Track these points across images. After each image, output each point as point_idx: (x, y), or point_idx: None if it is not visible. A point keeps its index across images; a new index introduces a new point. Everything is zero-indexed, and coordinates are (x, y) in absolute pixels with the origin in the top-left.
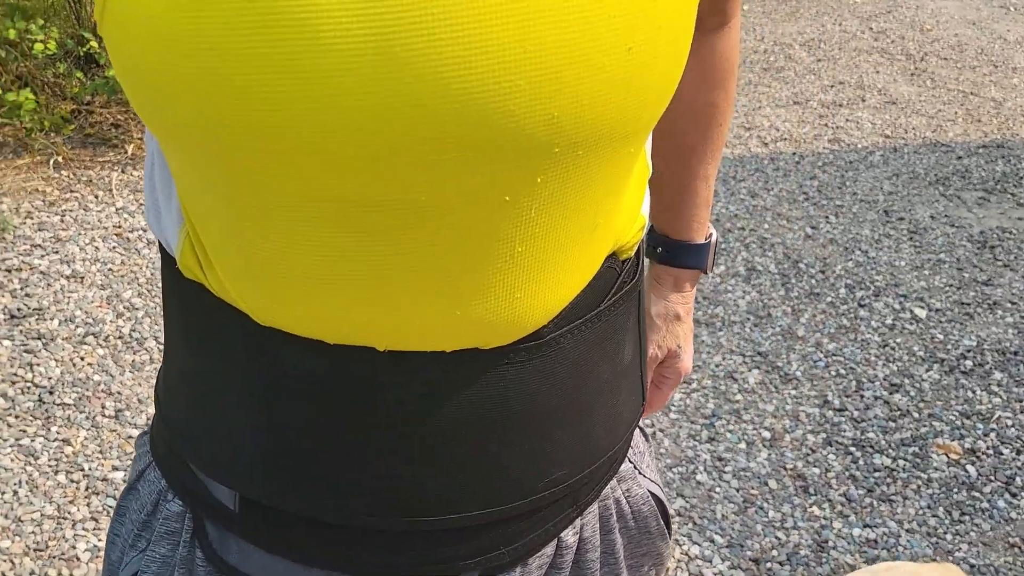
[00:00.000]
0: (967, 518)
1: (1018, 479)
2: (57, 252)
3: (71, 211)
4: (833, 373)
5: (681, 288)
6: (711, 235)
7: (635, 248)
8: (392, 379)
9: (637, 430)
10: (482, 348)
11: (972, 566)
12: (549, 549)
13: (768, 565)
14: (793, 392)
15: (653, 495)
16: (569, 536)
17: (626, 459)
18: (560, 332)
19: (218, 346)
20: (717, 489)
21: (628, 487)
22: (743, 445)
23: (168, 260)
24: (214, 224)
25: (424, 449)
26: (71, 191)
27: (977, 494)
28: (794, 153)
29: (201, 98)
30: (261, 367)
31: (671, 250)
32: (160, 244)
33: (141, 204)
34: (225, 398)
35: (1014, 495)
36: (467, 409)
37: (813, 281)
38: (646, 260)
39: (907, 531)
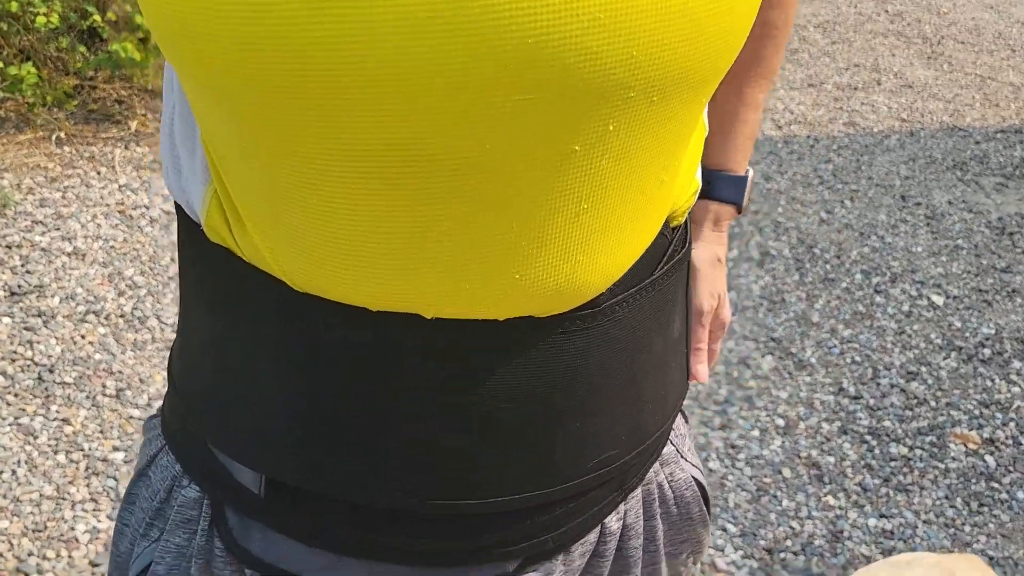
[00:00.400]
0: (986, 509)
1: None
2: (59, 229)
3: (73, 187)
4: (848, 360)
5: (720, 227)
6: (749, 170)
7: (686, 214)
8: (439, 349)
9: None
10: (536, 316)
11: (991, 558)
12: (592, 536)
13: (782, 555)
14: (807, 379)
15: (695, 480)
16: (613, 522)
17: (668, 441)
18: (615, 300)
19: (249, 313)
20: (730, 477)
21: (671, 471)
22: (756, 432)
23: (187, 224)
24: (250, 184)
25: (471, 426)
26: (73, 167)
27: (996, 485)
28: (808, 136)
29: (244, 36)
30: (297, 334)
31: (711, 180)
32: (178, 207)
33: (144, 181)
34: (256, 367)
35: None
36: (518, 383)
37: (828, 266)
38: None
39: (924, 522)
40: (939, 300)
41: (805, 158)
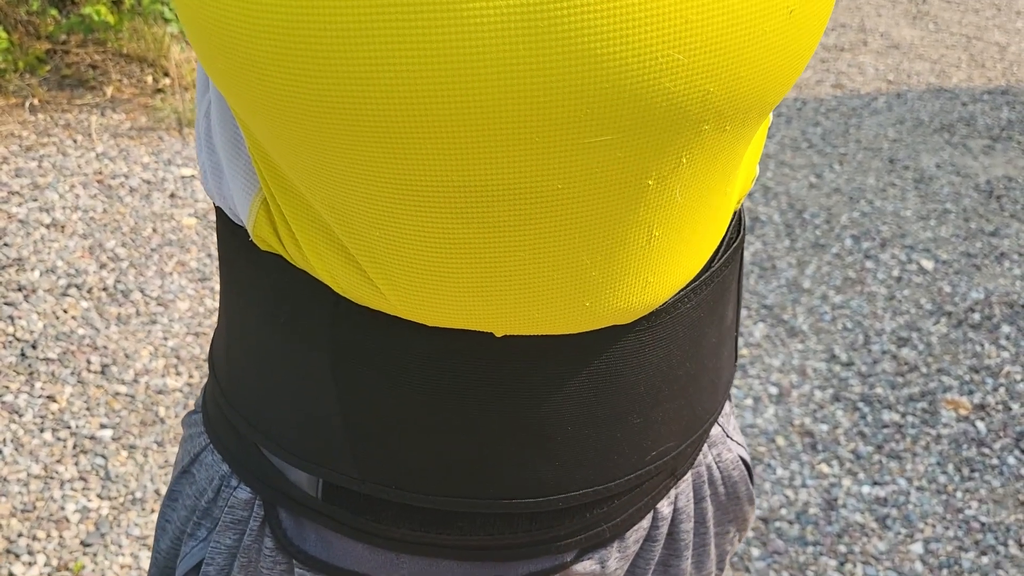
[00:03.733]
0: (977, 475)
1: None
2: (36, 200)
3: (49, 156)
4: (840, 327)
5: None
6: None
7: (741, 201)
8: (505, 357)
9: None
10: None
11: (983, 524)
12: (645, 522)
13: (777, 524)
14: (800, 346)
15: (741, 459)
16: (665, 507)
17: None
18: (679, 296)
19: (301, 319)
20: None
21: (719, 452)
22: (749, 401)
23: (230, 226)
24: (307, 208)
25: (533, 432)
26: (48, 135)
27: (987, 450)
28: (796, 99)
29: (314, 70)
30: (353, 344)
31: None
32: (217, 208)
33: (122, 149)
34: (308, 375)
35: None
36: (582, 385)
37: (818, 232)
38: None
39: (917, 489)
40: (929, 265)
41: (793, 121)
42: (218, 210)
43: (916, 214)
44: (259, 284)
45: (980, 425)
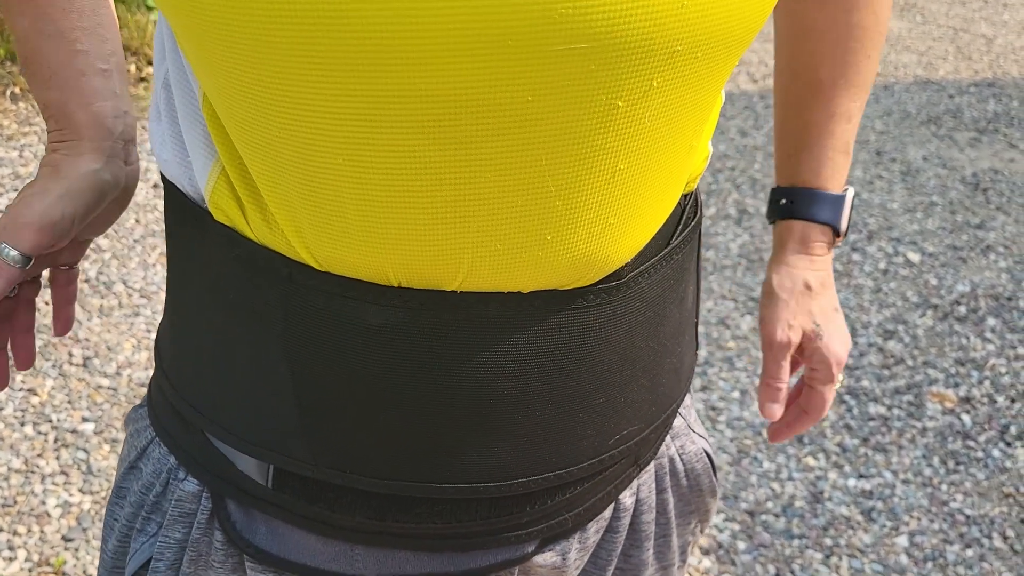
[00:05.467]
0: (962, 468)
1: (1012, 428)
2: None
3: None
4: None
5: (810, 249)
6: (847, 189)
7: (697, 181)
8: (460, 329)
9: None
10: (560, 290)
11: (967, 516)
12: (607, 512)
13: (763, 518)
14: None
15: (704, 451)
16: (627, 497)
17: (677, 414)
18: (637, 271)
19: (251, 298)
20: (711, 439)
21: (682, 443)
22: (736, 394)
23: (182, 203)
24: (270, 146)
25: (493, 407)
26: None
27: (972, 443)
28: None
29: None
30: (306, 321)
31: (797, 198)
32: (167, 185)
33: None
34: (262, 354)
35: (1008, 444)
36: (542, 359)
37: None
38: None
39: (902, 481)
40: (915, 257)
41: None
42: (167, 188)
43: (903, 207)
44: (208, 262)
45: (965, 418)
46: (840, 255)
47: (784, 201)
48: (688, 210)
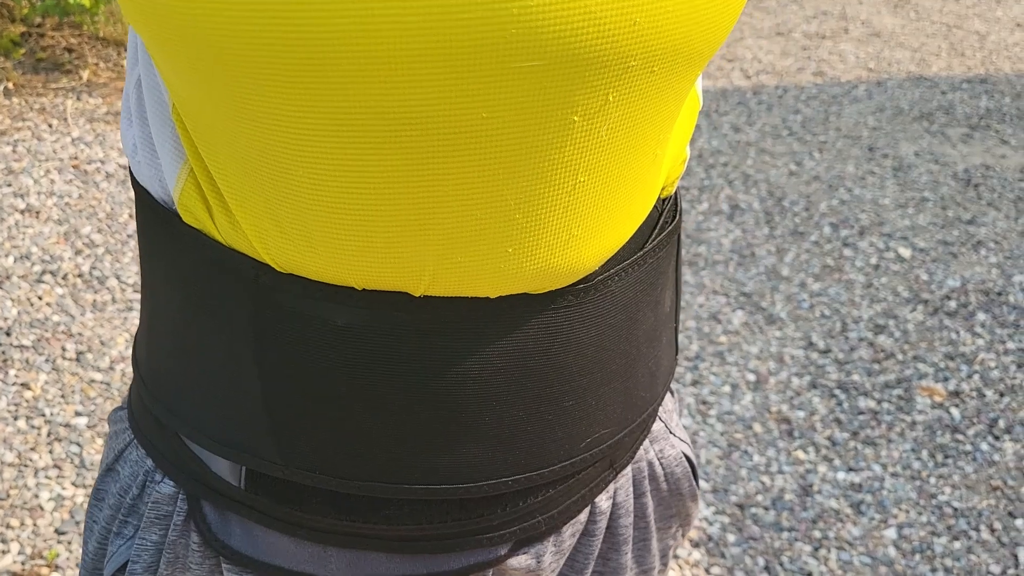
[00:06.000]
0: (951, 461)
1: (1001, 422)
2: (10, 185)
3: (23, 141)
4: (818, 314)
5: None
6: None
7: (675, 185)
8: (426, 330)
9: None
10: (530, 293)
11: (955, 509)
12: (583, 515)
13: (753, 511)
14: (778, 334)
15: (685, 455)
16: (603, 501)
17: (657, 418)
18: (608, 274)
19: (220, 300)
20: (701, 433)
21: (661, 447)
22: (727, 388)
23: (153, 205)
24: (232, 158)
25: (460, 409)
26: (23, 119)
27: (961, 437)
28: (777, 86)
29: (234, 2)
30: (273, 322)
31: None
32: (137, 188)
33: (98, 134)
34: (232, 356)
35: (997, 438)
36: (510, 362)
37: (797, 219)
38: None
39: (891, 475)
40: (906, 253)
41: (774, 108)
42: (138, 192)
43: (894, 202)
44: (178, 265)
45: (954, 412)
46: (832, 250)
47: None
48: (666, 214)
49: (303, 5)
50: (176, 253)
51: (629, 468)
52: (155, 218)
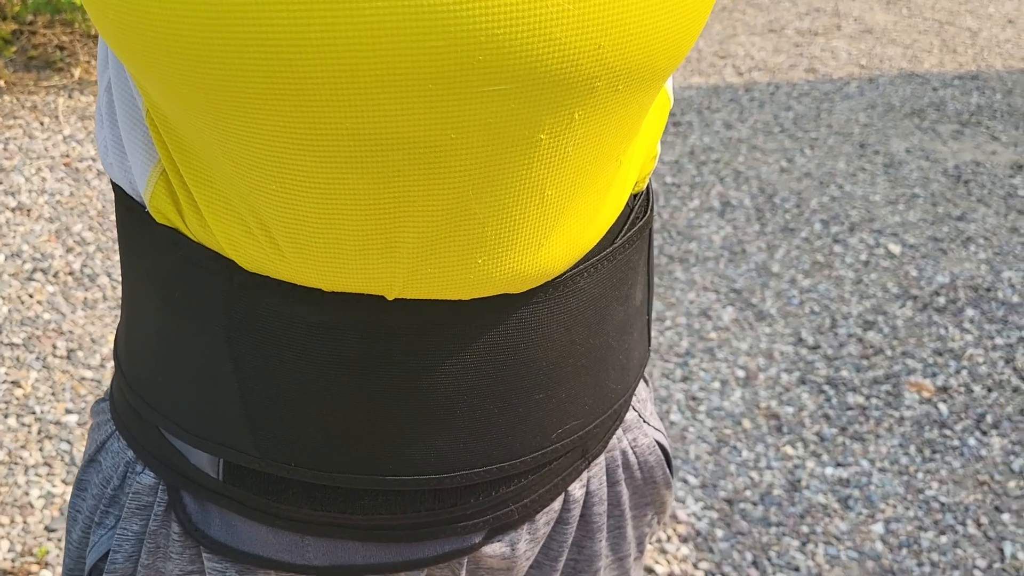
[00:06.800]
0: (938, 456)
1: (989, 417)
2: (1, 183)
3: (15, 139)
4: (807, 310)
5: None
6: None
7: (646, 181)
8: (399, 327)
9: None
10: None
11: (943, 504)
12: (556, 504)
13: (741, 506)
14: (767, 330)
15: (658, 443)
16: (576, 489)
17: (630, 407)
18: (577, 271)
19: (196, 297)
20: (691, 429)
21: (634, 436)
22: (717, 384)
23: (129, 204)
24: (203, 166)
25: (433, 402)
26: (14, 117)
27: (948, 432)
28: (769, 83)
29: (207, 20)
30: (248, 318)
31: None
32: (115, 187)
33: (90, 132)
34: (207, 351)
35: (984, 433)
36: (480, 357)
37: (788, 216)
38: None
39: (879, 470)
40: (896, 249)
41: (766, 105)
42: (116, 190)
43: (885, 199)
44: (154, 263)
45: (942, 407)
46: (822, 247)
47: None
48: (637, 210)
49: (279, 33)
50: (152, 250)
51: (602, 457)
52: (131, 216)
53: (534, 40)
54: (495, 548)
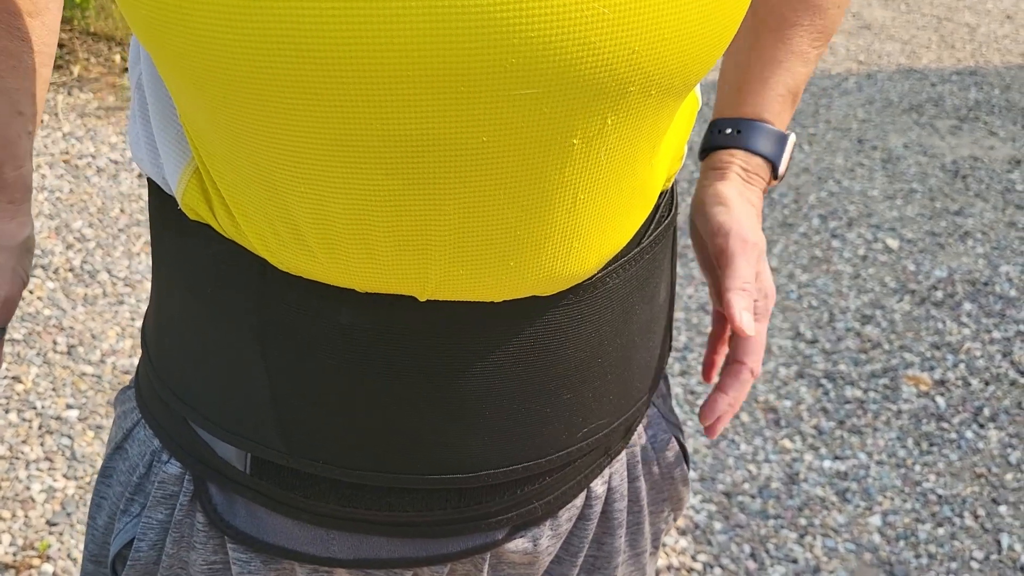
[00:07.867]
0: (935, 449)
1: (986, 410)
2: None
3: None
4: (805, 305)
5: (751, 178)
6: (791, 134)
7: (672, 180)
8: (430, 328)
9: None
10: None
11: (940, 496)
12: (579, 500)
13: (739, 499)
14: None
15: (676, 439)
16: (599, 486)
17: (650, 403)
18: (606, 272)
19: (227, 292)
20: (689, 423)
21: (654, 432)
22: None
23: (163, 197)
24: (234, 169)
25: (462, 403)
26: None
27: (946, 425)
28: None
29: (239, 19)
30: (278, 315)
31: (745, 129)
32: (149, 179)
33: (89, 129)
34: (237, 346)
35: (982, 426)
36: (510, 358)
37: (786, 211)
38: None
39: (876, 463)
40: (894, 244)
41: None
42: (150, 183)
43: (883, 194)
44: (186, 257)
45: (940, 400)
46: (820, 241)
47: (730, 131)
48: (662, 208)
49: (308, 32)
50: (183, 244)
51: (623, 453)
52: (163, 210)
53: (568, 44)
54: (518, 544)
